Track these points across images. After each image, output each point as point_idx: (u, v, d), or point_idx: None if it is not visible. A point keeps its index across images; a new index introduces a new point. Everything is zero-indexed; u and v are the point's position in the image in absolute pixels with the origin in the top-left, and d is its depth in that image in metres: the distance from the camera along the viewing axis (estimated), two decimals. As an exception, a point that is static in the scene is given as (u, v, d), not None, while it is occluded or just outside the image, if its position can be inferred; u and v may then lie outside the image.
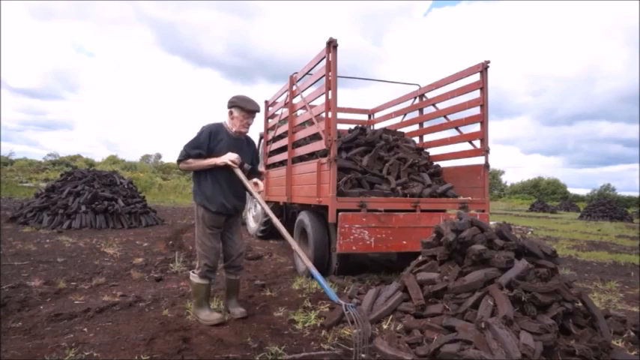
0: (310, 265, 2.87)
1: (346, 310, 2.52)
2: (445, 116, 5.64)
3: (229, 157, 3.05)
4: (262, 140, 7.63)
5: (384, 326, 2.89)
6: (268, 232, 7.59)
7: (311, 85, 5.09)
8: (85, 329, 2.86)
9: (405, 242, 4.38)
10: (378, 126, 7.24)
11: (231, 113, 3.13)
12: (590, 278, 5.38)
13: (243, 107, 3.08)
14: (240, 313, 3.21)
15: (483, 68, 4.86)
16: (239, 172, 3.08)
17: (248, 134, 3.34)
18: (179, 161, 3.11)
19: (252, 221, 8.43)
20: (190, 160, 3.08)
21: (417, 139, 6.22)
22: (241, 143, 3.22)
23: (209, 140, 3.08)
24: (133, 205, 9.33)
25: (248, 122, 3.15)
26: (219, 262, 3.31)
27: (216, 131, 3.13)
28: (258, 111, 3.20)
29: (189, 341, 2.70)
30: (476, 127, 5.12)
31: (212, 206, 3.07)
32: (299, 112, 5.77)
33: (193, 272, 3.15)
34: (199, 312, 3.06)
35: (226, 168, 3.07)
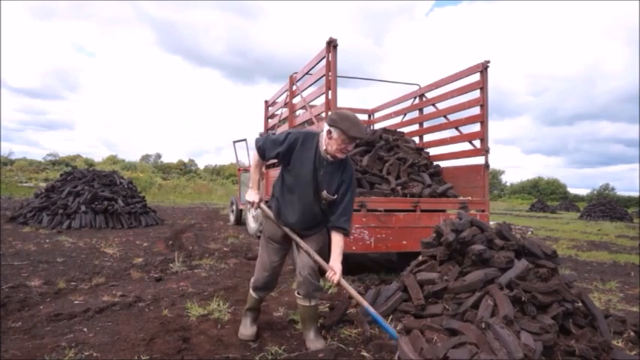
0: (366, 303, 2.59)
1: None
2: (445, 116, 5.64)
3: (248, 197, 2.73)
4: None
5: (384, 326, 2.88)
6: None
7: (311, 85, 5.10)
8: (85, 329, 2.86)
9: (405, 242, 4.38)
10: (378, 126, 7.25)
11: (329, 132, 2.51)
12: (590, 278, 5.38)
13: (346, 131, 2.44)
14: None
15: (483, 68, 4.87)
16: (268, 211, 2.72)
17: (346, 159, 2.69)
18: (256, 148, 2.74)
19: (252, 221, 8.43)
20: (257, 158, 2.75)
21: (417, 139, 6.22)
22: (328, 167, 2.60)
23: (289, 149, 2.61)
24: (132, 205, 9.32)
25: (347, 148, 2.54)
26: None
27: (304, 141, 2.63)
28: (363, 138, 2.66)
29: (189, 341, 2.70)
30: (476, 127, 5.13)
31: (274, 211, 2.73)
32: (299, 112, 5.78)
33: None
34: (241, 322, 2.89)
35: (306, 183, 2.61)
